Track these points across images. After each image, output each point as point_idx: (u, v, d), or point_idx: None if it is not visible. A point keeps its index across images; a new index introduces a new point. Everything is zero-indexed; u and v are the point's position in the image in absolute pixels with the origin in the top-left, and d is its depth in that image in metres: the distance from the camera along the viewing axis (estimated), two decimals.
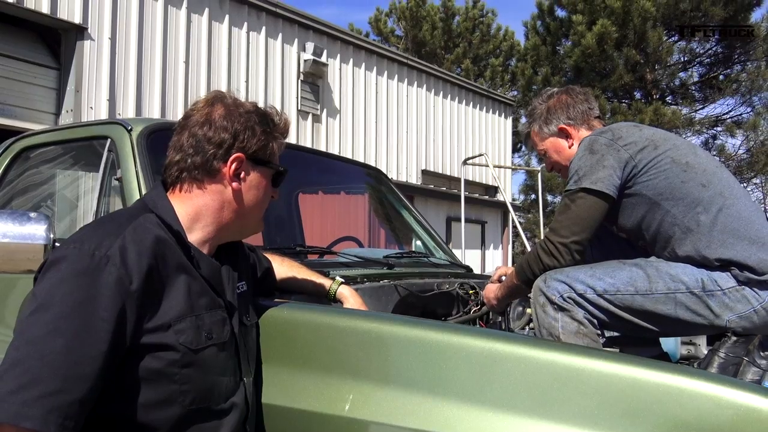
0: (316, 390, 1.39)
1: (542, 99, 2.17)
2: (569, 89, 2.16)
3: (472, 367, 1.26)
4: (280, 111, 1.52)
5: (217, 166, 1.37)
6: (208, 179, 1.38)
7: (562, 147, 2.11)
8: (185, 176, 1.38)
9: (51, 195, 2.69)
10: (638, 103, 16.35)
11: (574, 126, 2.09)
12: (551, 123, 2.11)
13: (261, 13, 9.31)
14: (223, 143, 1.37)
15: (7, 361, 1.09)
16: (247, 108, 1.43)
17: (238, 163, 1.39)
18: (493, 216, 13.62)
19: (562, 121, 2.09)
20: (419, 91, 12.24)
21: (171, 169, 1.39)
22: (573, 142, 2.08)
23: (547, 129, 2.12)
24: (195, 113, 1.41)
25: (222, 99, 1.43)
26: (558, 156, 2.13)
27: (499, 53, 22.70)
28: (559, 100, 2.12)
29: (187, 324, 1.25)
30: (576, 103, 2.10)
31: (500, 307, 2.17)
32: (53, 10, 6.92)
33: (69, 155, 2.58)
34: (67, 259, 1.17)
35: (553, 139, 2.12)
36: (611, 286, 1.80)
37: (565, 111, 2.09)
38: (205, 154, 1.37)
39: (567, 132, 2.09)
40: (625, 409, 1.11)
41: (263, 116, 1.45)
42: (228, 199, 1.40)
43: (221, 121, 1.38)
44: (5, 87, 6.72)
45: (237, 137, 1.38)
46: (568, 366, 1.18)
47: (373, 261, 2.44)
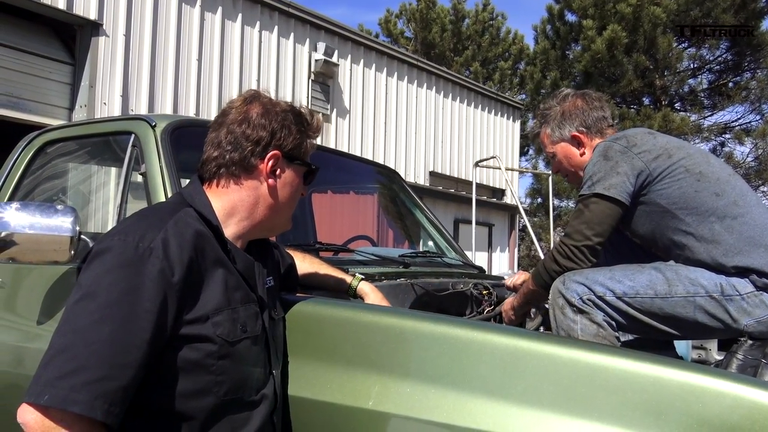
0: (341, 383, 1.42)
1: (557, 101, 2.15)
2: (585, 94, 2.15)
3: (496, 363, 1.28)
4: (314, 112, 1.56)
5: (254, 163, 1.41)
6: (245, 175, 1.41)
7: (572, 154, 2.11)
8: (223, 172, 1.41)
9: (73, 189, 2.72)
10: (647, 109, 16.33)
11: (587, 134, 2.08)
12: (564, 128, 2.10)
13: (274, 13, 9.35)
14: (261, 141, 1.41)
15: (54, 347, 1.13)
16: (283, 107, 1.47)
17: (275, 160, 1.42)
18: (500, 219, 13.63)
19: (576, 128, 2.08)
20: (428, 93, 12.26)
21: (209, 164, 1.42)
22: (584, 150, 2.08)
23: (559, 133, 2.11)
24: (232, 111, 1.44)
25: (258, 97, 1.47)
26: (567, 162, 2.13)
27: (508, 56, 22.69)
28: (574, 105, 2.10)
29: (224, 317, 1.28)
30: (591, 110, 2.09)
31: (519, 317, 2.18)
32: (69, 5, 6.98)
33: (92, 150, 2.62)
34: (112, 250, 1.20)
35: (565, 145, 2.11)
36: (630, 288, 1.81)
37: (580, 117, 2.08)
38: (243, 151, 1.40)
39: (579, 140, 2.09)
40: (648, 407, 1.13)
41: (298, 115, 1.48)
42: (263, 194, 1.43)
43: (259, 119, 1.42)
44: (20, 81, 6.77)
45: (274, 135, 1.42)
46: (591, 364, 1.20)
47: (389, 260, 2.47)
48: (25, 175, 2.61)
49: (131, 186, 2.24)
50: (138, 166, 2.17)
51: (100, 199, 2.65)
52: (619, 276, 1.84)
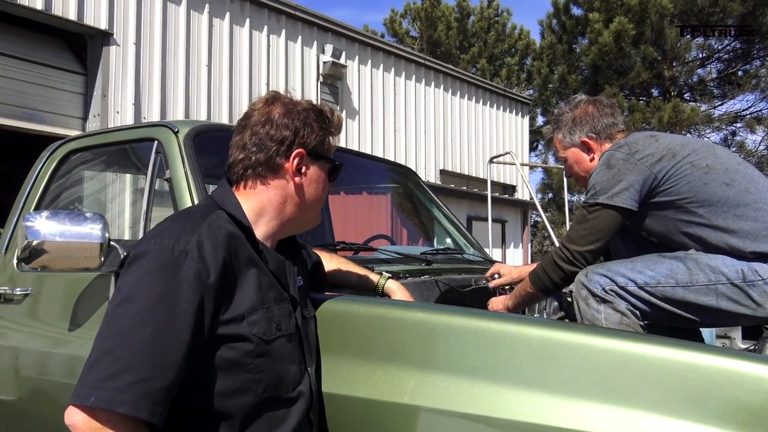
0: (376, 379, 1.43)
1: (569, 107, 2.21)
2: (597, 101, 2.20)
3: (530, 354, 1.29)
4: (334, 109, 1.58)
5: (279, 162, 1.43)
6: (272, 175, 1.43)
7: (582, 159, 2.16)
8: (250, 173, 1.43)
9: (98, 196, 2.76)
10: (656, 101, 16.25)
11: (596, 140, 2.13)
12: (575, 134, 2.16)
13: (281, 17, 9.39)
14: (285, 140, 1.42)
15: (97, 350, 1.15)
16: (304, 106, 1.49)
17: (300, 158, 1.44)
18: (513, 215, 13.61)
19: (586, 134, 2.14)
20: (437, 91, 12.27)
21: (236, 167, 1.45)
22: (594, 156, 2.13)
23: (570, 139, 2.17)
24: (255, 113, 1.46)
25: (280, 98, 1.48)
26: (577, 167, 2.19)
27: (515, 52, 22.66)
28: (585, 112, 2.15)
29: (259, 316, 1.30)
30: (601, 117, 2.14)
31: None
32: (80, 16, 7.05)
33: (115, 158, 2.65)
34: (149, 254, 1.22)
35: (575, 150, 2.17)
36: (652, 278, 1.84)
37: (590, 123, 2.13)
38: (268, 151, 1.42)
39: (589, 145, 2.14)
40: (687, 393, 1.14)
41: (319, 113, 1.50)
42: (290, 193, 1.45)
43: (281, 119, 1.44)
44: (34, 93, 6.84)
45: (297, 134, 1.44)
46: (627, 352, 1.21)
47: (411, 257, 2.49)
48: (50, 184, 2.65)
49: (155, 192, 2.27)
50: (162, 172, 2.20)
51: (126, 206, 2.68)
52: (640, 267, 1.87)
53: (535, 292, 2.05)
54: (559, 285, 2.01)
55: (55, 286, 2.32)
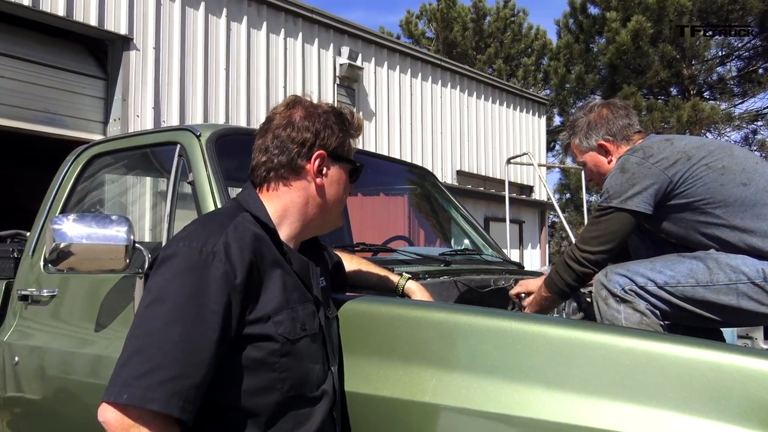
0: (398, 378, 1.45)
1: (584, 112, 2.23)
2: (610, 104, 2.21)
3: (551, 353, 1.31)
4: (354, 111, 1.60)
5: (301, 164, 1.45)
6: (294, 177, 1.46)
7: (600, 162, 2.18)
8: (272, 176, 1.46)
9: (122, 200, 2.80)
10: (675, 100, 16.10)
11: (613, 142, 2.15)
12: (591, 138, 2.18)
13: (297, 20, 9.45)
14: (306, 142, 1.45)
15: (128, 350, 1.19)
16: (324, 108, 1.51)
17: (321, 160, 1.47)
18: (530, 215, 13.56)
19: (602, 137, 2.15)
20: (453, 92, 12.27)
21: (258, 170, 1.48)
22: (612, 158, 2.15)
23: (586, 143, 2.19)
24: (276, 116, 1.49)
25: (300, 101, 1.51)
26: (596, 170, 2.21)
27: (531, 52, 22.57)
28: (599, 115, 2.17)
29: (285, 316, 1.32)
30: (616, 119, 2.15)
31: None
32: (100, 22, 7.15)
33: (138, 162, 2.70)
34: (178, 256, 1.26)
35: (593, 154, 2.19)
36: (671, 278, 1.85)
37: (605, 126, 2.15)
38: (290, 153, 1.45)
39: (606, 148, 2.16)
40: (708, 392, 1.14)
41: (339, 115, 1.53)
42: (312, 194, 1.48)
43: (302, 121, 1.46)
44: (56, 98, 6.95)
45: (318, 136, 1.46)
46: (649, 351, 1.22)
47: (430, 258, 2.51)
48: (75, 187, 2.70)
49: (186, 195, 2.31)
50: (185, 176, 2.24)
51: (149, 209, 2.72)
52: (660, 266, 1.88)
53: (551, 296, 2.05)
54: (574, 287, 2.02)
55: (81, 288, 2.37)
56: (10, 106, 6.58)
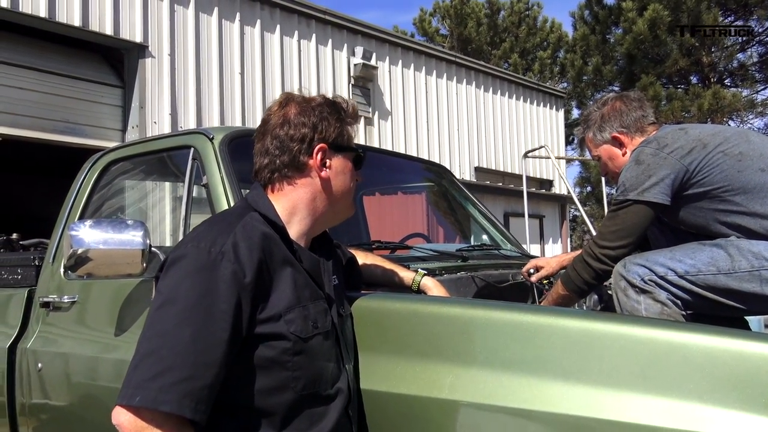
0: (415, 375, 1.44)
1: (597, 106, 2.21)
2: (624, 96, 2.19)
3: (569, 346, 1.28)
4: (347, 99, 1.59)
5: (303, 160, 1.45)
6: (298, 174, 1.46)
7: (615, 155, 2.15)
8: (276, 176, 1.46)
9: (139, 204, 2.82)
10: (696, 88, 15.87)
11: (627, 134, 2.12)
12: (605, 131, 2.15)
13: (311, 21, 9.47)
14: (305, 138, 1.45)
15: (140, 352, 1.19)
16: (317, 101, 1.51)
17: (323, 153, 1.46)
18: (550, 210, 13.45)
19: (616, 129, 2.13)
20: (468, 89, 12.21)
21: (262, 172, 1.48)
22: (626, 150, 2.12)
23: (600, 136, 2.17)
24: (272, 117, 1.49)
25: (293, 98, 1.51)
26: (611, 163, 2.17)
27: (547, 45, 22.39)
28: (612, 108, 2.15)
29: (296, 314, 1.32)
30: (630, 111, 2.13)
31: None
32: (116, 30, 7.22)
33: (154, 166, 2.71)
34: (187, 257, 1.26)
35: (607, 147, 2.16)
36: (692, 267, 1.82)
37: (618, 119, 2.13)
38: (291, 151, 1.45)
39: (620, 140, 2.13)
40: (731, 381, 1.12)
41: (333, 105, 1.52)
42: (318, 189, 1.47)
43: (298, 117, 1.46)
44: (74, 107, 7.04)
45: (316, 129, 1.46)
46: (669, 341, 1.19)
47: (447, 254, 2.49)
48: (92, 194, 2.72)
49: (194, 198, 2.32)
50: (199, 179, 2.25)
51: (166, 213, 2.74)
52: (680, 255, 1.85)
53: (568, 294, 2.02)
54: (592, 285, 1.99)
55: (101, 293, 2.39)
56: (31, 117, 6.68)
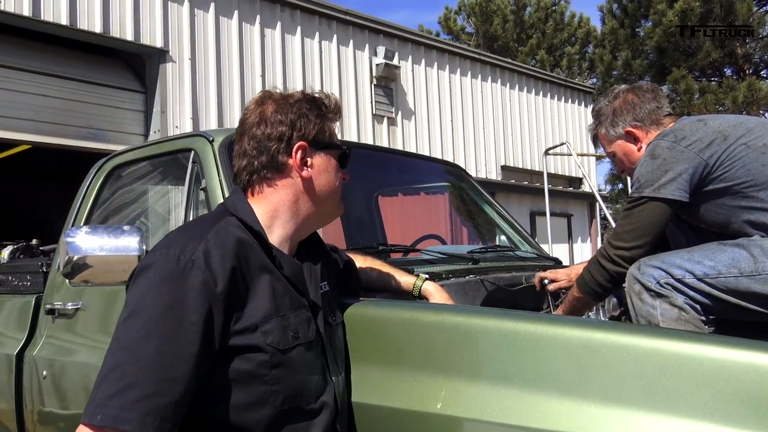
0: (407, 387, 1.36)
1: (608, 99, 2.10)
2: (636, 87, 2.08)
3: (569, 359, 1.19)
4: (329, 93, 1.50)
5: (283, 160, 1.38)
6: (278, 175, 1.39)
7: (630, 150, 2.04)
8: (255, 178, 1.39)
9: (143, 209, 2.79)
10: (730, 80, 15.41)
11: (641, 128, 2.01)
12: (617, 126, 2.04)
13: (332, 22, 9.44)
14: (283, 136, 1.38)
15: (106, 367, 1.13)
16: (296, 97, 1.43)
17: (303, 151, 1.39)
18: (578, 208, 13.21)
19: (629, 124, 2.02)
20: (494, 86, 12.05)
21: (241, 175, 1.41)
22: (641, 145, 2.01)
23: (614, 132, 2.06)
24: (249, 116, 1.42)
25: (270, 95, 1.44)
26: (627, 159, 2.07)
27: (575, 41, 22.06)
28: (625, 101, 2.04)
29: (274, 324, 1.25)
30: (643, 103, 2.01)
31: None
32: (136, 36, 7.28)
33: (157, 170, 2.68)
34: (155, 266, 1.20)
35: (621, 143, 2.05)
36: (712, 269, 1.70)
37: (631, 112, 2.02)
38: (270, 151, 1.38)
39: (634, 135, 2.02)
40: (744, 398, 1.01)
41: (312, 101, 1.44)
42: (301, 189, 1.40)
43: (275, 115, 1.39)
44: (97, 113, 7.11)
45: (294, 126, 1.38)
46: (676, 353, 1.09)
47: (457, 257, 2.40)
48: (98, 199, 2.70)
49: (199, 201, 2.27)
50: (200, 182, 2.20)
51: (168, 218, 2.71)
52: (699, 256, 1.73)
53: (583, 297, 1.91)
54: (608, 288, 1.88)
55: (102, 300, 2.36)
56: (55, 123, 6.77)
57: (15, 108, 6.50)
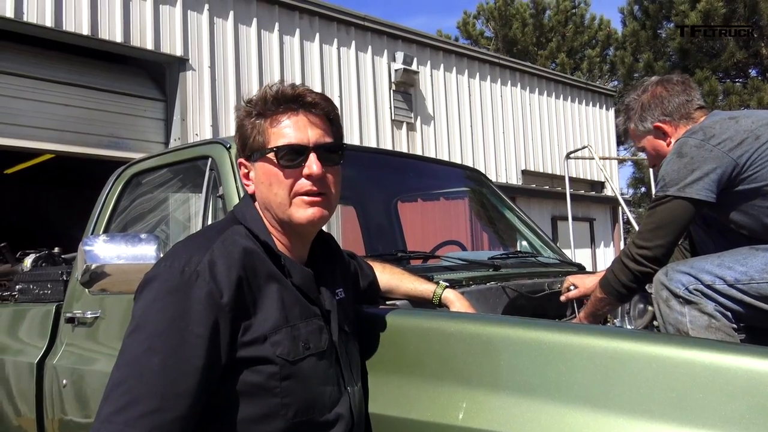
0: (427, 399, 1.32)
1: (637, 93, 2.05)
2: (665, 80, 2.03)
3: (595, 369, 1.14)
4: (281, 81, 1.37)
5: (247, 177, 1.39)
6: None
7: (659, 145, 2.00)
8: None
9: (162, 217, 2.79)
10: (755, 81, 15.16)
11: (670, 122, 1.96)
12: (646, 120, 2.00)
13: (350, 28, 9.45)
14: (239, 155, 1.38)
15: (112, 381, 1.11)
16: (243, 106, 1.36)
17: (243, 167, 1.38)
18: (601, 212, 13.05)
19: (657, 118, 1.97)
20: (513, 90, 11.97)
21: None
22: (671, 140, 1.96)
23: (642, 127, 2.02)
24: None
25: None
26: (656, 155, 2.03)
27: (596, 44, 21.85)
28: (653, 95, 1.99)
29: (283, 335, 1.21)
30: (671, 96, 1.96)
31: None
32: (156, 45, 7.34)
33: (175, 177, 2.68)
34: (159, 278, 1.17)
35: (650, 138, 2.02)
36: (743, 274, 1.64)
37: (660, 106, 1.97)
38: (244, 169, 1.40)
39: (663, 130, 1.97)
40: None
41: (253, 104, 1.32)
42: (259, 200, 1.35)
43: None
44: (119, 122, 7.18)
45: (240, 147, 1.36)
46: (708, 364, 1.04)
47: (477, 263, 2.35)
48: (117, 207, 2.71)
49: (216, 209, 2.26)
50: (217, 189, 2.18)
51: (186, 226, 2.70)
52: (729, 261, 1.67)
53: (606, 298, 1.85)
54: (632, 288, 1.82)
55: (120, 308, 2.35)
56: (77, 132, 6.84)
57: (38, 118, 6.59)
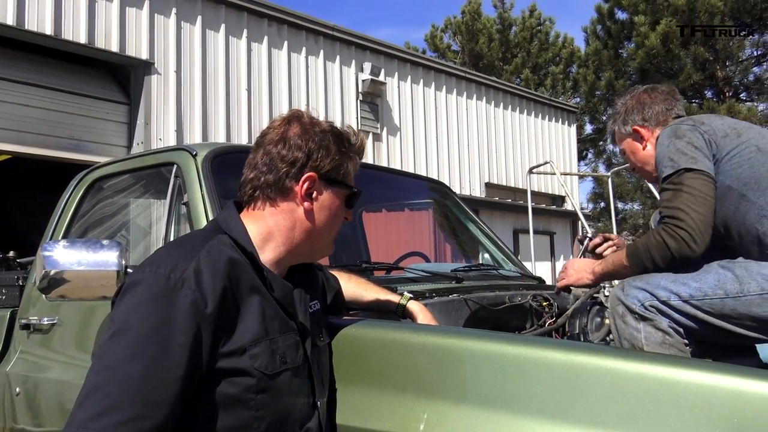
0: (390, 409, 1.33)
1: (626, 98, 2.15)
2: (651, 88, 2.13)
3: (553, 382, 1.17)
4: (357, 131, 1.48)
5: (289, 185, 1.35)
6: (281, 198, 1.36)
7: (636, 148, 2.09)
8: (258, 194, 1.36)
9: (124, 223, 2.75)
10: (710, 102, 15.69)
11: (647, 127, 2.05)
12: (627, 124, 2.10)
13: (318, 38, 9.46)
14: (296, 162, 1.34)
15: (87, 386, 1.09)
16: (323, 127, 1.40)
17: (311, 183, 1.36)
18: (561, 226, 13.28)
19: (636, 122, 2.07)
20: (479, 104, 12.13)
21: (245, 186, 1.38)
22: (646, 144, 2.05)
23: (624, 129, 2.11)
24: (271, 131, 1.39)
25: (299, 117, 1.40)
26: (633, 157, 2.11)
27: (559, 61, 22.30)
28: (638, 100, 2.09)
29: (262, 348, 1.21)
30: (653, 103, 2.06)
31: (594, 281, 2.01)
32: (122, 47, 7.23)
33: (139, 183, 2.64)
34: (143, 283, 1.16)
35: (629, 140, 2.11)
36: (697, 290, 1.68)
37: (641, 112, 2.06)
38: (278, 172, 1.34)
39: (640, 134, 2.06)
40: (728, 424, 1.00)
41: (338, 136, 1.41)
42: (300, 218, 1.36)
43: (296, 139, 1.36)
44: (80, 124, 7.04)
45: (311, 156, 1.35)
46: (660, 378, 1.08)
47: (440, 275, 2.38)
48: (77, 212, 2.66)
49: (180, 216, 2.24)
50: (182, 196, 2.17)
51: (148, 232, 2.67)
52: (684, 278, 1.71)
53: (629, 266, 1.81)
54: (660, 268, 1.76)
55: (79, 315, 2.31)
56: (37, 134, 6.69)
57: None
